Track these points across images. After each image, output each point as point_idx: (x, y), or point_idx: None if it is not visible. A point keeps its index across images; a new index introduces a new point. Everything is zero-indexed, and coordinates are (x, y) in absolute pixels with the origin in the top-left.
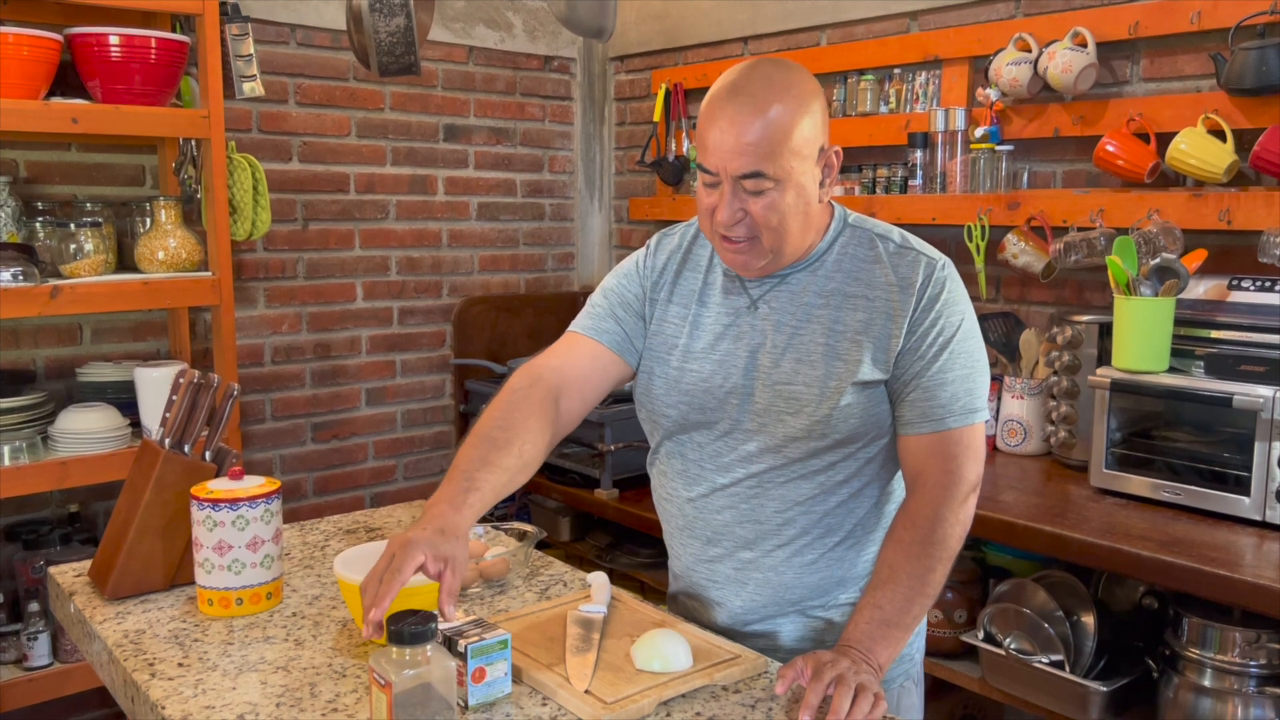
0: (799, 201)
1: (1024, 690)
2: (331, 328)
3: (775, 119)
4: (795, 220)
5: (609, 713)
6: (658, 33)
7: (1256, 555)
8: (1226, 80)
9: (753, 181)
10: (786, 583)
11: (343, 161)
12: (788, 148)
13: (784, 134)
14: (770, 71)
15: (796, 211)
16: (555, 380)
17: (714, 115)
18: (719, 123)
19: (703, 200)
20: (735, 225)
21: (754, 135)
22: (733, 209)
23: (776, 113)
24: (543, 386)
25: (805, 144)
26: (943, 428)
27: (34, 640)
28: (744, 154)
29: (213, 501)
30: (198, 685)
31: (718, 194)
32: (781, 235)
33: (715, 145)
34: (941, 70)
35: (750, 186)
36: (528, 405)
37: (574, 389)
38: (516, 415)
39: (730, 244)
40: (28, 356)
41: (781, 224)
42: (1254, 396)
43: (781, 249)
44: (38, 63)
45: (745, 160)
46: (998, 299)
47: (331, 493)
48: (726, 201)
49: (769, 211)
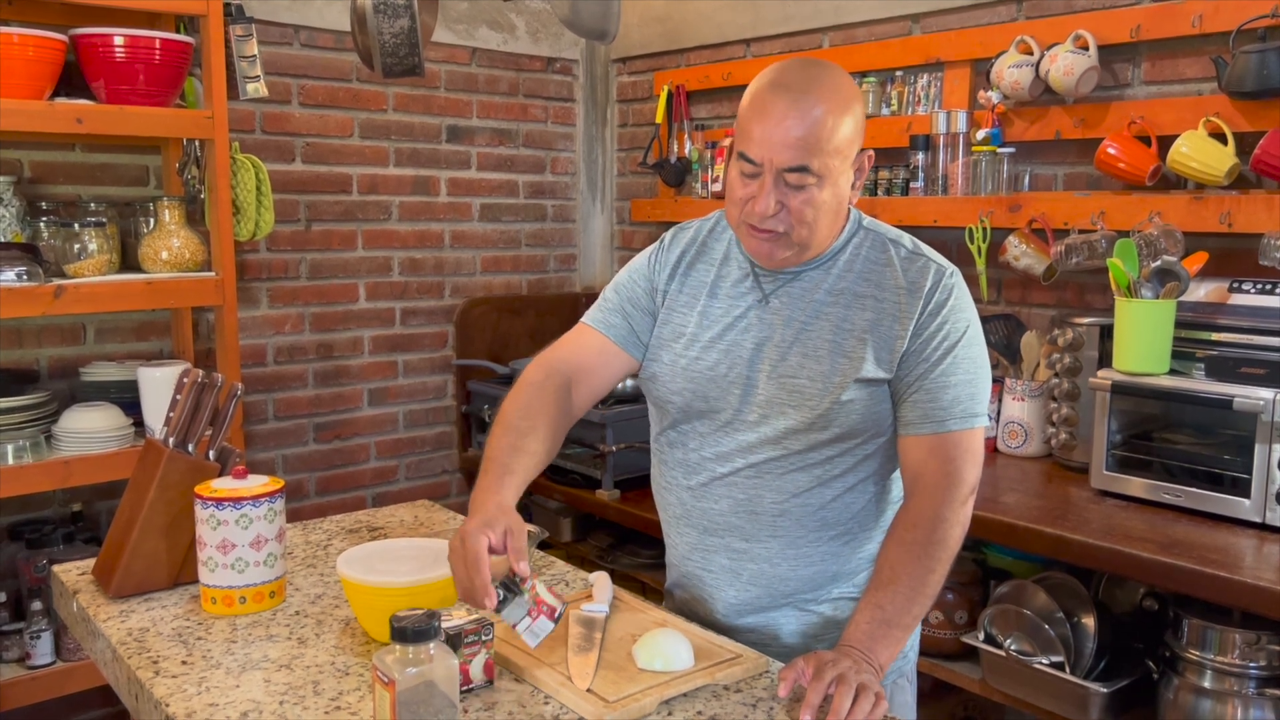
0: (833, 200)
1: (1024, 691)
2: (334, 328)
3: (823, 116)
4: (826, 218)
5: (611, 711)
6: (660, 35)
7: (1256, 557)
8: (1228, 83)
9: (796, 176)
10: (780, 575)
11: (345, 162)
12: (832, 146)
13: (830, 132)
14: (818, 71)
15: (829, 210)
16: (566, 372)
17: (763, 107)
18: (771, 115)
19: (737, 189)
20: (771, 217)
21: (803, 130)
22: (772, 201)
23: (825, 110)
24: (556, 379)
25: (846, 144)
26: (943, 429)
27: (37, 639)
28: (792, 147)
29: (216, 500)
30: (201, 683)
31: (756, 184)
32: (812, 231)
33: (763, 136)
34: (943, 73)
35: (793, 180)
36: (545, 396)
37: (583, 382)
38: (536, 405)
39: (759, 233)
40: (31, 356)
41: (815, 220)
42: (1254, 399)
43: (808, 244)
44: (42, 63)
45: (792, 154)
46: (999, 301)
47: (333, 493)
48: (767, 192)
49: (806, 207)
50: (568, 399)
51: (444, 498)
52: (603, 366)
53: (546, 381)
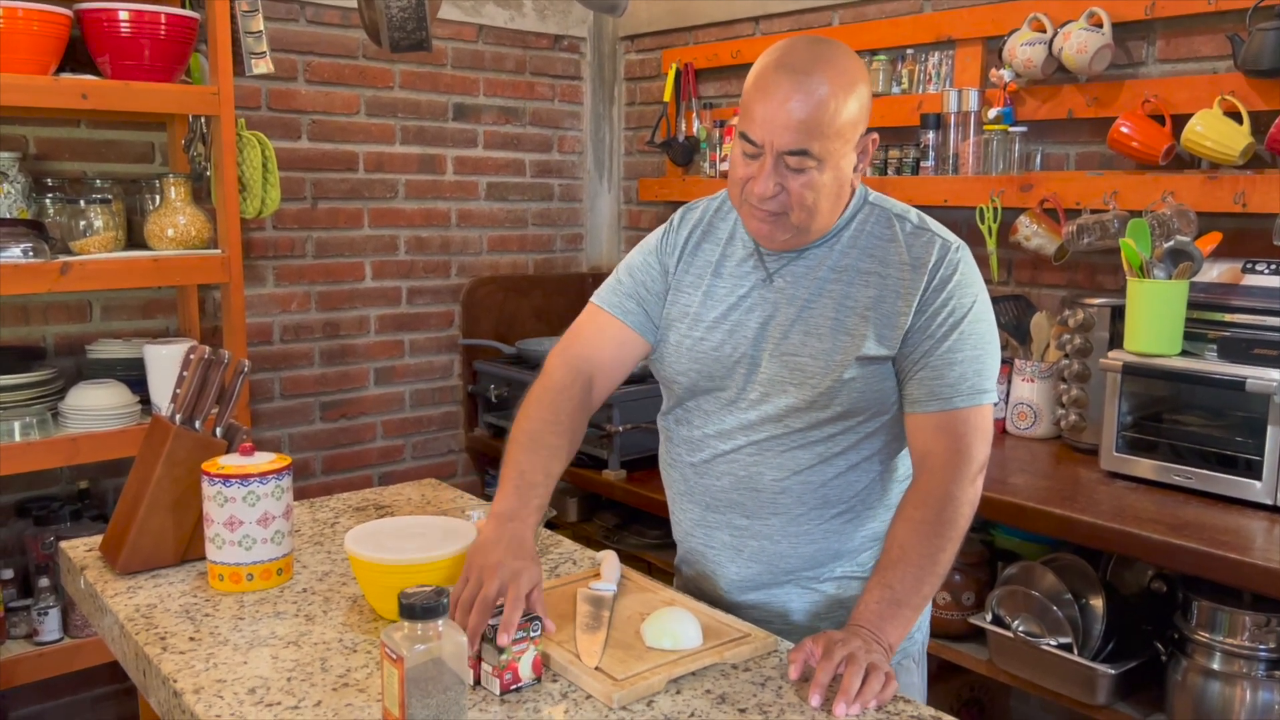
0: (834, 182)
1: (1031, 673)
2: (340, 307)
3: (827, 99)
4: (827, 200)
5: (619, 689)
6: (668, 12)
7: (1267, 539)
8: (1243, 61)
9: (796, 159)
10: (782, 552)
11: (352, 140)
12: (835, 129)
13: (834, 115)
14: (824, 50)
15: (830, 192)
16: (589, 371)
17: (766, 87)
18: (773, 96)
19: (738, 169)
20: (770, 199)
21: (805, 113)
22: (771, 183)
23: (828, 92)
24: (580, 380)
25: (850, 127)
26: (950, 407)
27: (44, 615)
28: (793, 130)
29: (224, 477)
30: (209, 659)
31: (757, 165)
32: (812, 214)
33: (764, 118)
34: (955, 51)
35: (793, 164)
36: (571, 405)
37: (604, 376)
38: (563, 416)
39: (759, 213)
40: (38, 333)
41: (815, 203)
42: (1267, 380)
43: (808, 227)
44: (47, 38)
45: (794, 136)
46: (1009, 281)
47: (340, 472)
48: (766, 174)
49: (806, 189)
50: (589, 399)
51: (450, 477)
52: (622, 358)
53: (571, 385)
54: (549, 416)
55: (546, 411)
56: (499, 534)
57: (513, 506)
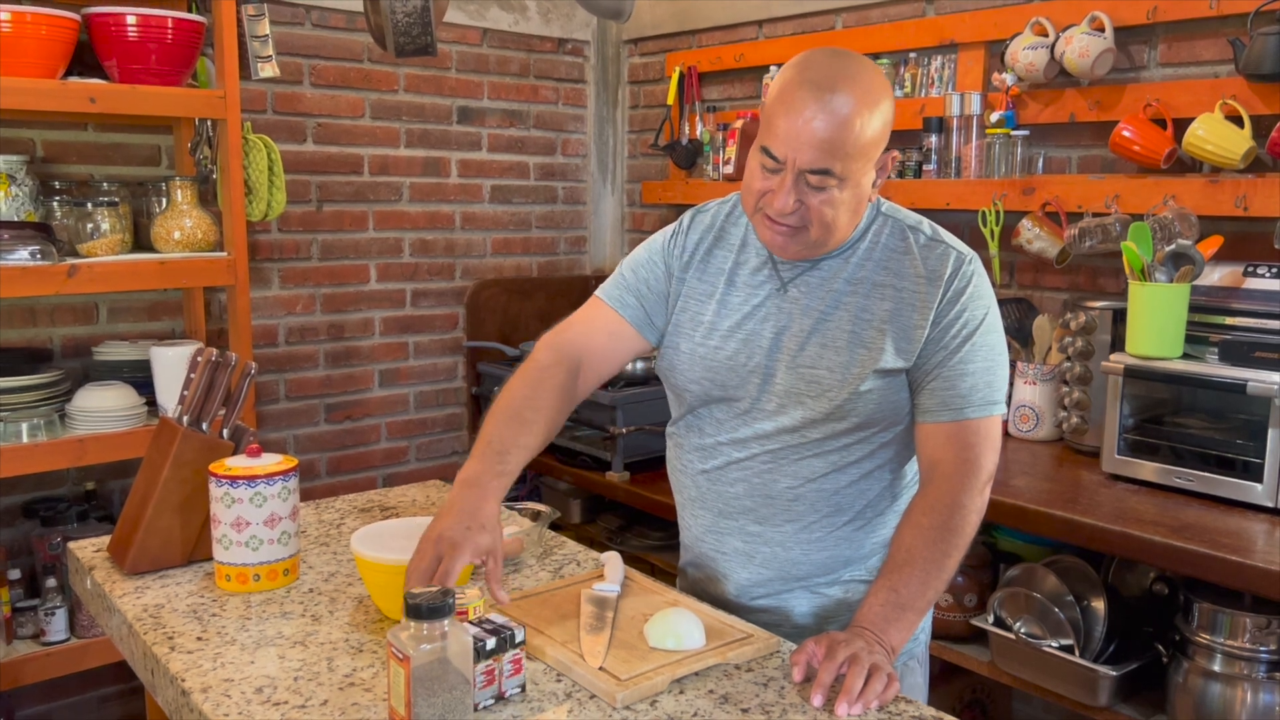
0: (853, 200)
1: (1033, 674)
2: (345, 309)
3: (851, 117)
4: (845, 216)
5: (623, 689)
6: (671, 15)
7: (1268, 541)
8: (1245, 66)
9: (818, 178)
10: (793, 559)
11: (357, 143)
12: (859, 148)
13: (858, 134)
14: (849, 66)
15: (848, 209)
16: (576, 354)
17: (791, 103)
18: (798, 112)
19: (755, 181)
20: (789, 215)
21: (829, 132)
22: (791, 199)
23: (854, 112)
24: (566, 363)
25: (872, 145)
26: (961, 417)
27: (51, 615)
28: (816, 148)
29: (231, 478)
30: (216, 659)
31: (776, 180)
32: (830, 230)
33: (788, 134)
34: (957, 54)
35: (814, 181)
36: (553, 384)
37: (592, 364)
38: (542, 393)
39: (775, 224)
40: (45, 335)
41: (833, 220)
42: (1268, 383)
43: (825, 242)
44: (55, 42)
45: (817, 155)
46: (1011, 285)
47: (345, 473)
48: (786, 190)
49: (825, 206)
50: (573, 384)
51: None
52: (613, 349)
53: (555, 367)
54: (528, 393)
55: (526, 389)
56: (452, 501)
57: (475, 473)
